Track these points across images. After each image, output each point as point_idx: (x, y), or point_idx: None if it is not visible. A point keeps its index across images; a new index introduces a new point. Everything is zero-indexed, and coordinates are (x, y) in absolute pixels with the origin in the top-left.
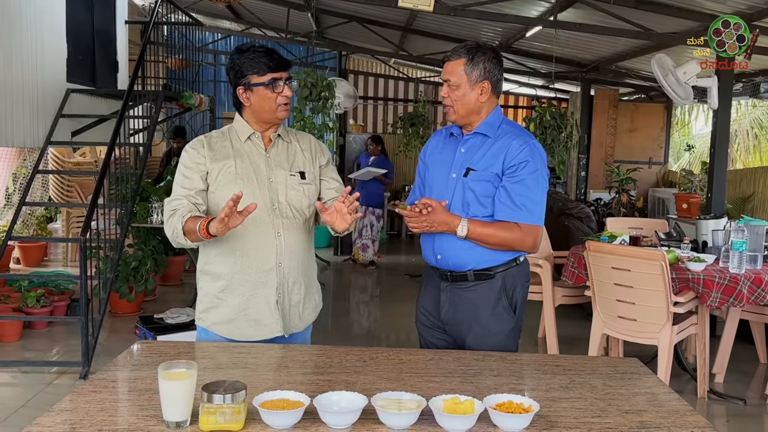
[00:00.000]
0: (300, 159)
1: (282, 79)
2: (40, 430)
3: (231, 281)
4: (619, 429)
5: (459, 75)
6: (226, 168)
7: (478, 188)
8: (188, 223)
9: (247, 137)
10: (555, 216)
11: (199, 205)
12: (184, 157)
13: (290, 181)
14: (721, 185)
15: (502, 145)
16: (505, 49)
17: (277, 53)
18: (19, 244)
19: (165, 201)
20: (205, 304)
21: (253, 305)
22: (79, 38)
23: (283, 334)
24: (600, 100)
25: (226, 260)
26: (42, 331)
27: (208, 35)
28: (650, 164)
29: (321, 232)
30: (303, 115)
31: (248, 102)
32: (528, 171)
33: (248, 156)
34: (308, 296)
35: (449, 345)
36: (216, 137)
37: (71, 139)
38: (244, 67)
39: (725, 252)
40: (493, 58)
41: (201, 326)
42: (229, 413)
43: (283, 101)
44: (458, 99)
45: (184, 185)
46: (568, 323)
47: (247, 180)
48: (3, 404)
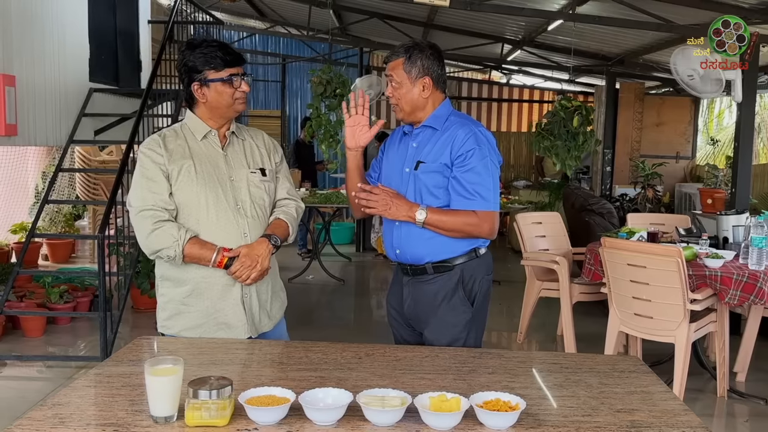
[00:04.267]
0: (257, 156)
1: (239, 74)
2: (30, 424)
3: (197, 286)
4: (608, 428)
5: (400, 74)
6: (185, 168)
7: (428, 179)
8: (192, 248)
9: (203, 136)
10: (576, 212)
11: (171, 211)
12: (144, 160)
13: (251, 178)
14: (746, 180)
15: (449, 136)
16: (528, 43)
17: (231, 47)
18: (46, 241)
19: (132, 206)
20: (168, 312)
21: (221, 309)
22: (101, 38)
23: (255, 334)
24: (625, 93)
25: (191, 264)
26: (65, 326)
27: (234, 34)
28: (677, 159)
29: (343, 230)
30: (319, 111)
31: (204, 98)
32: (477, 158)
33: (206, 156)
34: (275, 294)
35: (419, 340)
36: (170, 136)
37: (94, 137)
38: (199, 63)
39: (745, 248)
40: (431, 55)
41: (168, 334)
42: (214, 409)
43: (239, 96)
44: (402, 96)
45: (152, 189)
46: (589, 320)
47: (209, 180)
48: (24, 398)
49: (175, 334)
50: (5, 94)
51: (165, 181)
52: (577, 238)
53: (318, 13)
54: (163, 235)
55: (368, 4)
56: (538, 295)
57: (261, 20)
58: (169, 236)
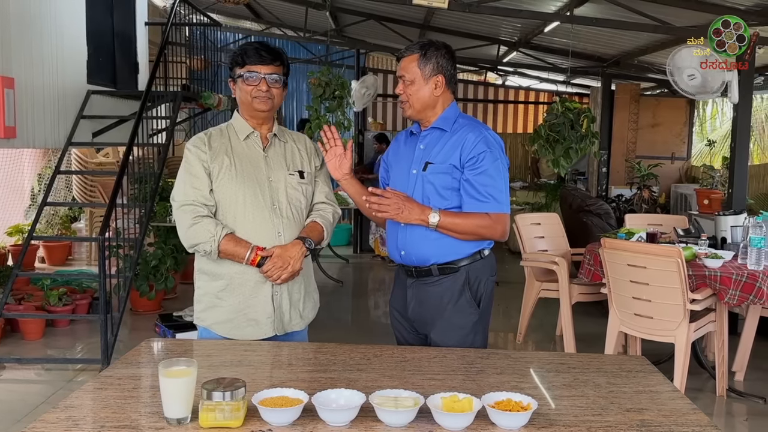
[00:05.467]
0: (297, 159)
1: (259, 72)
2: (44, 426)
3: (231, 281)
4: (619, 427)
5: (413, 71)
6: (226, 167)
7: (437, 180)
8: (227, 245)
9: (246, 136)
10: (573, 212)
11: (211, 207)
12: (189, 156)
13: (289, 180)
14: (743, 180)
15: (459, 138)
16: (524, 45)
17: (266, 48)
18: (43, 243)
19: (175, 201)
20: (204, 304)
21: (252, 305)
22: (99, 40)
23: (283, 332)
24: (621, 95)
25: (226, 260)
26: (64, 329)
27: (229, 35)
28: (673, 159)
29: (341, 231)
30: (318, 113)
31: (235, 94)
32: (489, 161)
33: (247, 155)
34: (307, 294)
35: (423, 343)
36: (215, 135)
37: (92, 139)
38: (234, 60)
39: (743, 248)
40: (446, 54)
41: (201, 326)
42: (228, 410)
43: (257, 94)
44: (413, 94)
45: (194, 185)
46: (587, 321)
47: (248, 179)
48: (24, 401)
49: (207, 327)
50: (4, 96)
51: (207, 178)
52: (575, 238)
53: (314, 14)
54: (200, 230)
55: (365, 5)
56: (538, 295)
57: (257, 22)
58: (206, 231)
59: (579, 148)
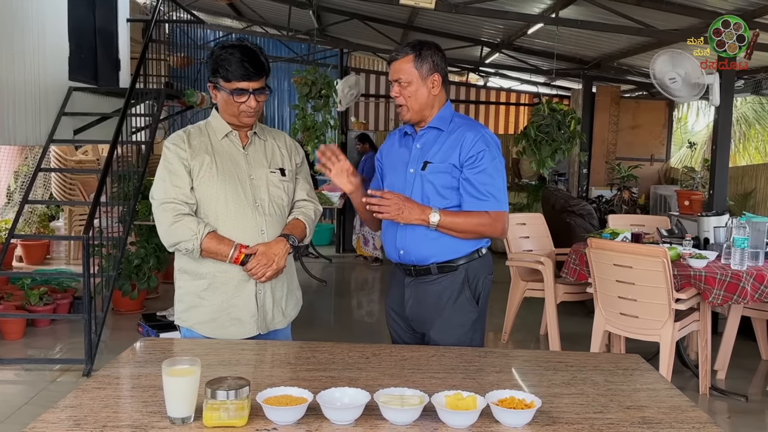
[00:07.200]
0: (278, 156)
1: (248, 90)
2: (45, 426)
3: (213, 280)
4: (621, 424)
5: (409, 71)
6: (206, 165)
7: (436, 180)
8: (210, 243)
9: (224, 135)
10: (557, 213)
11: (192, 205)
12: (168, 154)
13: (271, 178)
14: (723, 182)
15: (457, 137)
16: (506, 47)
17: (254, 59)
18: (21, 242)
19: (155, 199)
20: (185, 304)
21: (235, 304)
22: (81, 36)
23: (266, 331)
24: (602, 97)
25: (208, 259)
26: (45, 329)
27: (210, 33)
28: (652, 161)
29: (323, 230)
30: (305, 112)
31: (215, 99)
32: (488, 160)
33: (227, 153)
34: (290, 292)
35: (419, 342)
36: (194, 133)
37: (73, 137)
38: (218, 66)
39: (727, 249)
40: (439, 52)
41: (183, 326)
42: (232, 409)
43: (245, 109)
44: (411, 95)
45: (174, 183)
46: (571, 320)
47: (229, 177)
48: (6, 402)
49: (190, 327)
50: None
51: (187, 176)
52: (558, 239)
53: (297, 13)
54: (182, 228)
55: (349, 5)
56: (523, 295)
57: (238, 19)
58: (188, 230)
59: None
